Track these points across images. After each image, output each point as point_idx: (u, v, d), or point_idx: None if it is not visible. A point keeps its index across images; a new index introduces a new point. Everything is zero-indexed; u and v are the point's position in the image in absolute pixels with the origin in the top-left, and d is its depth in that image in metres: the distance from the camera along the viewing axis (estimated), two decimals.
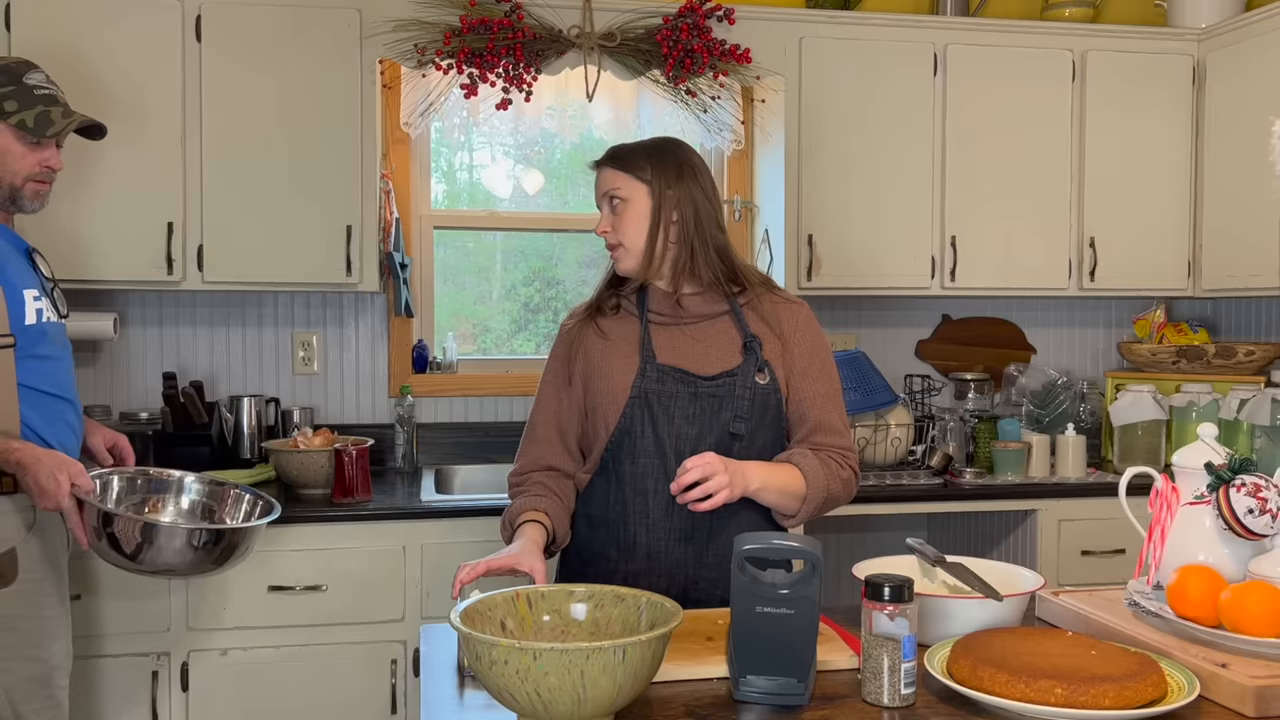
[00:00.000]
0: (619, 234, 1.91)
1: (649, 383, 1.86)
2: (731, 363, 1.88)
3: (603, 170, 1.95)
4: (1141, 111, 3.44)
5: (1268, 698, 1.31)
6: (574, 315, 2.02)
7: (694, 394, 1.86)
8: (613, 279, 1.99)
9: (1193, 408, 3.20)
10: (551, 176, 3.63)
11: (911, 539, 1.77)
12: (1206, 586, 1.47)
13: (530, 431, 1.99)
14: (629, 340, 1.92)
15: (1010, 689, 1.28)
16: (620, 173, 1.92)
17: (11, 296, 2.03)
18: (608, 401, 1.88)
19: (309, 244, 2.98)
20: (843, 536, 3.60)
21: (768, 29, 3.24)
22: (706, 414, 1.85)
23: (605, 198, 1.93)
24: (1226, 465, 1.55)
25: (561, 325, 2.04)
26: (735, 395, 1.85)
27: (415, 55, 3.03)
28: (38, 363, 2.08)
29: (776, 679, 1.36)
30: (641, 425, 1.85)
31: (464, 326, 3.66)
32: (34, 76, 2.10)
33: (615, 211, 1.91)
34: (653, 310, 1.93)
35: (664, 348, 1.89)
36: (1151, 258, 3.47)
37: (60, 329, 2.18)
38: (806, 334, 1.95)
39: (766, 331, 1.91)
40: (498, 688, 1.24)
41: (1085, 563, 3.10)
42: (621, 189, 1.91)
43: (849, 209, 3.29)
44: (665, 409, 1.85)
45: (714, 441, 1.83)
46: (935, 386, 3.44)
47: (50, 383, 2.10)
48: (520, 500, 1.90)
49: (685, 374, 1.86)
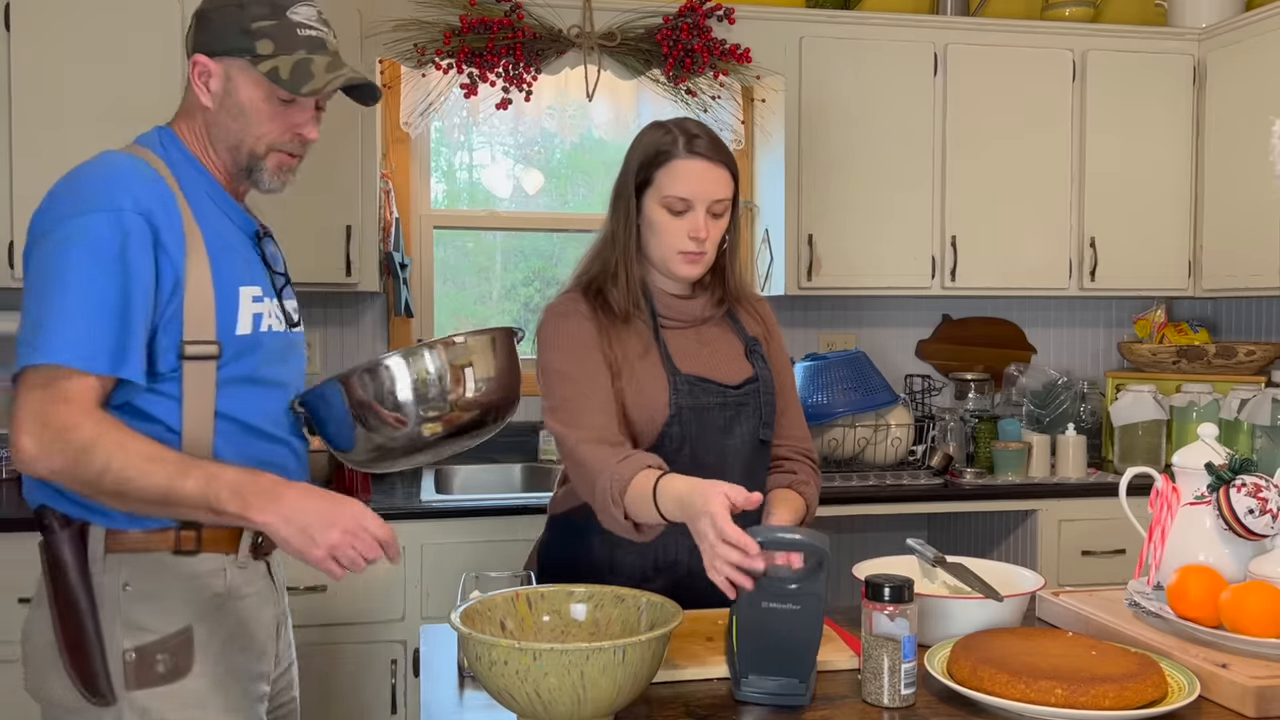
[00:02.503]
0: (711, 242, 1.73)
1: (683, 397, 1.74)
2: (746, 367, 1.82)
3: (716, 171, 1.71)
4: (1141, 111, 3.43)
5: (1268, 698, 1.30)
6: (578, 299, 1.77)
7: (724, 404, 1.77)
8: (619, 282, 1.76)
9: (1193, 408, 3.20)
10: (551, 176, 3.63)
11: (911, 539, 1.77)
12: (1207, 587, 1.47)
13: (582, 399, 1.67)
14: (646, 344, 1.77)
15: (1010, 689, 1.28)
16: (731, 178, 1.74)
17: (223, 294, 1.49)
18: (645, 416, 1.73)
19: (308, 244, 2.98)
20: (843, 536, 3.60)
21: (768, 29, 3.24)
22: (736, 424, 1.79)
23: (709, 200, 1.71)
24: (1227, 465, 1.54)
25: (566, 306, 1.77)
26: (761, 402, 1.81)
27: (415, 55, 3.03)
28: (248, 388, 1.51)
29: (778, 679, 1.35)
30: (680, 443, 1.74)
31: (464, 326, 3.65)
32: (301, 10, 1.54)
33: (714, 218, 1.73)
34: (661, 315, 1.80)
35: (681, 355, 1.78)
36: (1152, 257, 3.47)
37: (288, 343, 1.62)
38: (776, 328, 1.94)
39: (758, 329, 1.89)
40: (497, 688, 1.24)
41: (1085, 563, 3.10)
42: (729, 199, 1.73)
43: (849, 209, 3.29)
44: (701, 423, 1.75)
45: (748, 451, 1.80)
46: (935, 386, 3.44)
47: (261, 415, 1.54)
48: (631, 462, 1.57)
49: (714, 384, 1.77)
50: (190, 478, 1.37)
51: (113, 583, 1.46)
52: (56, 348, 1.36)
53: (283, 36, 1.50)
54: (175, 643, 1.47)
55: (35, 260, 1.40)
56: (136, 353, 1.41)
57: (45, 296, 1.37)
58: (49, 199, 1.44)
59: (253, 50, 1.49)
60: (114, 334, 1.38)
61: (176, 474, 1.37)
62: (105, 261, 1.38)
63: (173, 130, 1.57)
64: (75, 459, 1.35)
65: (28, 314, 1.39)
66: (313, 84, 1.50)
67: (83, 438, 1.35)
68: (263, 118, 1.53)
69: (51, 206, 1.42)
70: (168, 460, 1.38)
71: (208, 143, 1.55)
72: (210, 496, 1.36)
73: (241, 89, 1.51)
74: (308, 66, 1.51)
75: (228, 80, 1.51)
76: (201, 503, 1.37)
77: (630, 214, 1.75)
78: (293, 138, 1.56)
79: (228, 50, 1.50)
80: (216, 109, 1.53)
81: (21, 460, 1.37)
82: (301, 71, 1.50)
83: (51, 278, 1.38)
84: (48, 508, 1.45)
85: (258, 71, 1.50)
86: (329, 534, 1.37)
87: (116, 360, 1.38)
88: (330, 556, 1.38)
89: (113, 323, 1.38)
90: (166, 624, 1.47)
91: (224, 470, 1.39)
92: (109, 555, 1.46)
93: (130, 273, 1.39)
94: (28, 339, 1.37)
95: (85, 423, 1.36)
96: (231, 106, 1.52)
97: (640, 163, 1.74)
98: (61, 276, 1.37)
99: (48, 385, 1.36)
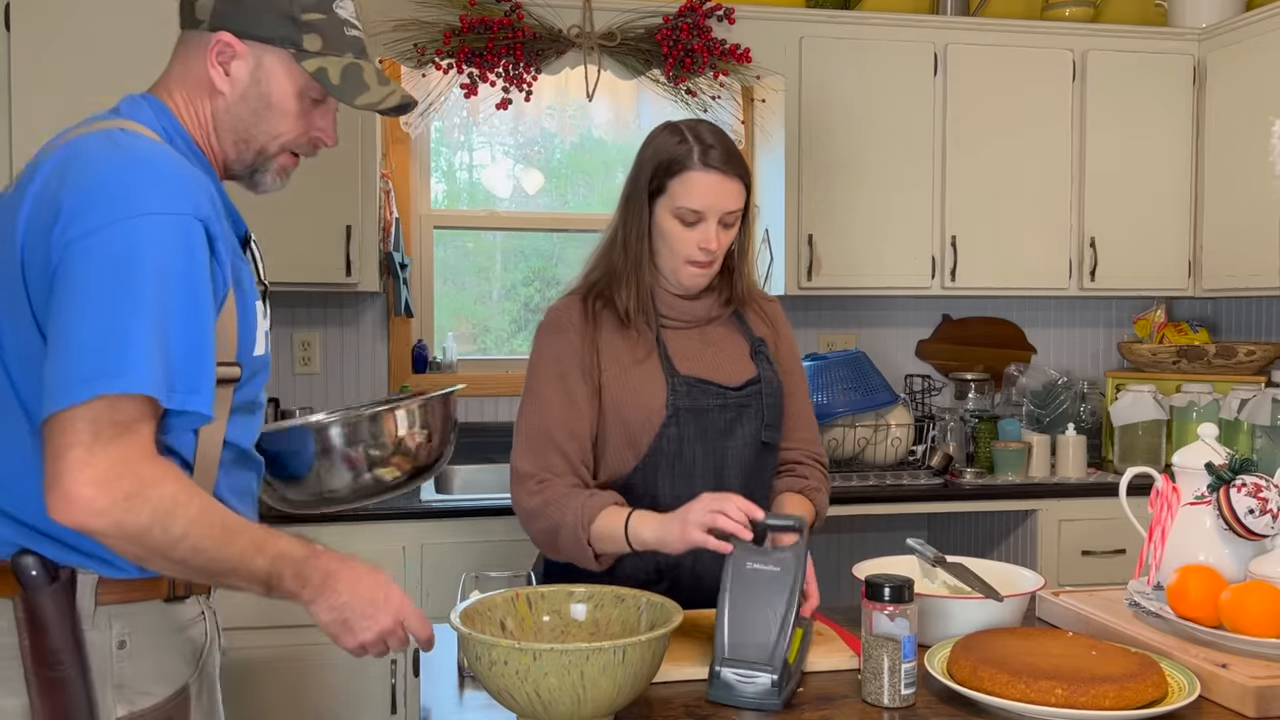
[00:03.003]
0: (720, 252, 1.72)
1: (680, 399, 1.73)
2: (750, 368, 1.81)
3: (731, 184, 1.70)
4: (1142, 111, 3.43)
5: (1268, 698, 1.30)
6: (571, 308, 1.78)
7: (723, 406, 1.76)
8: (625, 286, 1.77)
9: (1193, 408, 3.20)
10: (551, 176, 3.63)
11: (911, 539, 1.77)
12: (1207, 587, 1.47)
13: (549, 436, 1.71)
14: (645, 348, 1.76)
15: (1010, 689, 1.28)
16: (745, 193, 1.72)
17: (244, 311, 1.31)
18: (641, 419, 1.72)
19: (309, 244, 2.98)
20: (843, 536, 3.60)
21: (768, 29, 3.24)
22: (738, 425, 1.78)
23: (717, 213, 1.69)
24: (1227, 465, 1.54)
25: (558, 317, 1.78)
26: (764, 404, 1.79)
27: (415, 55, 3.03)
28: (249, 414, 1.36)
29: (754, 677, 1.35)
30: (678, 444, 1.73)
31: (464, 326, 3.65)
32: (346, 5, 1.39)
33: (725, 228, 1.71)
34: (664, 315, 1.79)
35: (681, 356, 1.77)
36: (1152, 257, 3.47)
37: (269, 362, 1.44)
38: (787, 329, 1.93)
39: (765, 330, 1.87)
40: (497, 688, 1.24)
41: (1085, 563, 3.10)
42: (740, 207, 1.72)
43: (849, 209, 3.29)
44: (700, 425, 1.74)
45: (750, 453, 1.78)
46: (935, 386, 3.44)
47: (251, 439, 1.39)
48: (589, 500, 1.65)
49: (713, 385, 1.76)
50: (262, 554, 1.22)
51: (104, 641, 1.24)
52: (139, 376, 1.12)
53: (331, 34, 1.35)
54: (173, 705, 1.30)
55: (76, 269, 1.15)
56: (213, 384, 1.21)
57: (100, 312, 1.13)
58: (83, 194, 1.17)
59: (299, 44, 1.33)
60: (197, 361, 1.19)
61: (251, 548, 1.21)
62: (171, 271, 1.17)
63: (163, 103, 1.36)
64: (159, 521, 1.14)
65: (72, 332, 1.13)
66: (367, 96, 1.36)
67: (167, 495, 1.15)
68: (289, 116, 1.37)
69: (92, 202, 1.16)
70: (245, 532, 1.22)
71: (211, 129, 1.36)
72: (274, 575, 1.24)
73: (275, 82, 1.34)
74: (360, 75, 1.36)
75: (258, 68, 1.34)
76: (263, 579, 1.23)
77: (642, 220, 1.74)
78: (309, 141, 1.41)
79: (269, 38, 1.32)
80: (235, 97, 1.34)
81: (74, 511, 1.11)
82: (354, 79, 1.35)
83: (105, 289, 1.13)
84: (30, 553, 1.20)
85: (301, 68, 1.33)
86: (367, 632, 1.30)
87: (191, 391, 1.18)
88: (361, 647, 1.32)
89: (193, 348, 1.18)
90: (164, 685, 1.29)
91: (290, 547, 1.26)
92: (100, 608, 1.24)
93: (199, 287, 1.20)
94: (88, 361, 1.11)
95: (166, 477, 1.16)
96: (255, 98, 1.35)
97: (654, 169, 1.72)
98: (122, 289, 1.14)
99: (125, 424, 1.13)
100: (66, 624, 1.21)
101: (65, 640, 1.21)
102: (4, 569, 1.21)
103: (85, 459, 1.10)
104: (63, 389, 1.11)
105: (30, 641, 1.20)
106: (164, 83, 1.38)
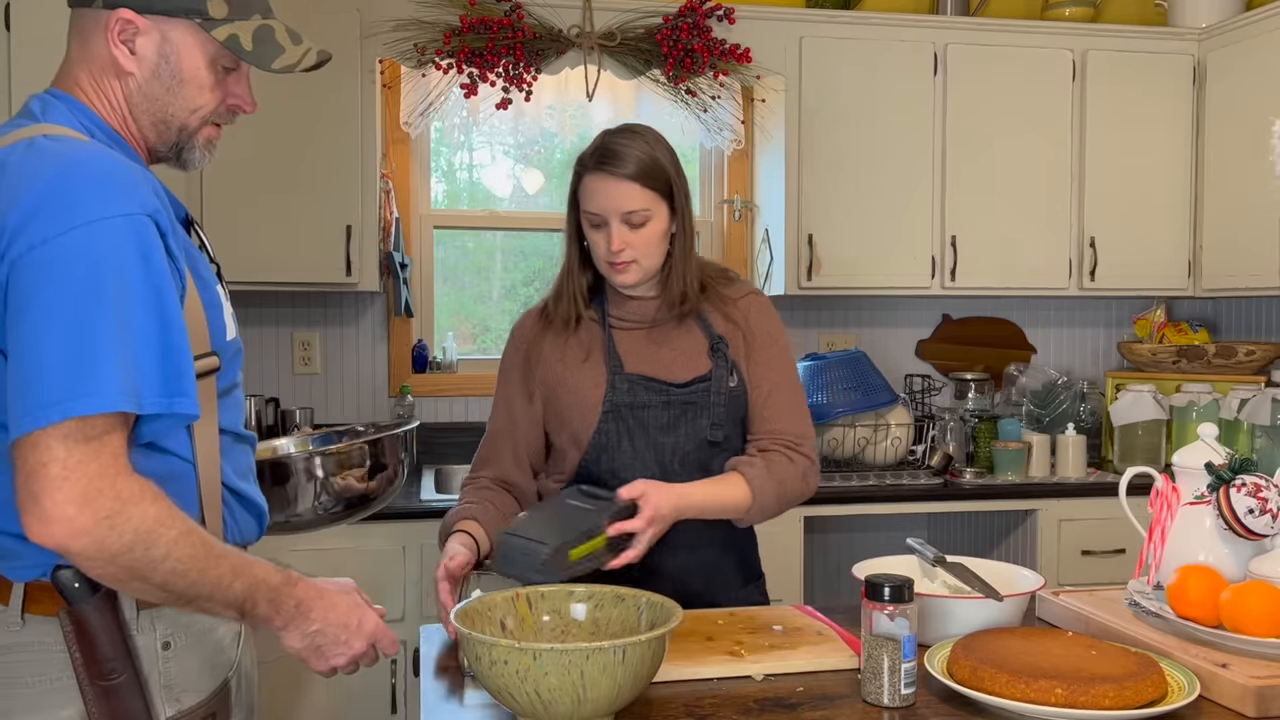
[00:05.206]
0: (636, 251, 1.75)
1: (619, 395, 1.78)
2: (702, 367, 1.81)
3: (621, 185, 1.74)
4: (1141, 111, 3.43)
5: (1268, 698, 1.30)
6: (529, 318, 1.89)
7: (667, 403, 1.78)
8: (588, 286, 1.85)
9: (1193, 408, 3.20)
10: (551, 176, 3.63)
11: (911, 539, 1.76)
12: (1207, 586, 1.47)
13: (488, 441, 1.88)
14: (592, 348, 1.82)
15: (1010, 689, 1.28)
16: (646, 191, 1.74)
17: (208, 298, 1.29)
18: (578, 417, 1.79)
19: (309, 244, 2.98)
20: (843, 536, 3.60)
21: (768, 29, 3.24)
22: (682, 422, 1.79)
23: (619, 214, 1.74)
24: (1227, 465, 1.54)
25: (515, 328, 1.89)
26: (710, 402, 1.79)
27: (415, 55, 3.03)
28: (234, 396, 1.36)
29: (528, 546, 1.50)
30: (617, 439, 1.78)
31: (464, 326, 3.66)
32: None
33: (633, 228, 1.75)
34: (615, 315, 1.84)
35: (630, 355, 1.81)
36: (1151, 257, 3.47)
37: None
38: (764, 323, 1.87)
39: (730, 328, 1.84)
40: (497, 688, 1.24)
41: (1085, 563, 3.10)
42: (649, 209, 1.75)
43: (849, 209, 3.29)
44: (640, 420, 1.78)
45: (693, 449, 1.79)
46: (935, 386, 3.44)
47: (241, 419, 1.38)
48: (459, 508, 1.85)
49: (656, 382, 1.79)
50: (240, 579, 1.21)
51: (150, 644, 1.25)
52: (109, 393, 1.10)
53: None
54: (216, 700, 1.31)
55: (29, 283, 1.11)
56: (192, 381, 1.19)
57: (64, 327, 1.10)
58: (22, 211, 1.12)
59: (204, 12, 1.26)
60: (172, 362, 1.17)
61: (230, 573, 1.20)
62: (131, 275, 1.13)
63: (74, 98, 1.29)
64: (141, 540, 1.12)
65: (38, 349, 1.10)
66: (284, 59, 1.31)
67: (150, 516, 1.13)
68: (205, 89, 1.30)
69: (35, 214, 1.12)
70: (225, 557, 1.20)
71: (127, 113, 1.30)
72: (249, 601, 1.23)
73: (185, 56, 1.27)
74: (271, 36, 1.30)
75: (164, 43, 1.27)
76: (237, 605, 1.22)
77: (571, 230, 1.85)
78: (227, 109, 1.34)
79: (171, 9, 1.25)
80: (146, 76, 1.28)
81: (53, 534, 1.09)
82: (267, 41, 1.30)
83: (67, 302, 1.10)
84: (66, 568, 1.18)
85: (210, 37, 1.27)
86: (340, 657, 1.33)
87: (174, 394, 1.16)
88: (332, 669, 1.34)
89: (165, 350, 1.16)
90: (209, 681, 1.31)
91: (266, 573, 1.25)
92: (142, 612, 1.25)
93: (162, 286, 1.16)
94: (56, 381, 1.09)
95: (144, 495, 1.13)
96: (166, 75, 1.28)
97: (572, 178, 1.85)
98: (83, 301, 1.10)
99: (99, 439, 1.10)
100: (115, 632, 1.21)
101: (116, 648, 1.21)
102: (45, 586, 1.21)
103: (62, 476, 1.09)
104: (34, 410, 1.09)
105: (81, 653, 1.20)
106: (65, 71, 1.32)
